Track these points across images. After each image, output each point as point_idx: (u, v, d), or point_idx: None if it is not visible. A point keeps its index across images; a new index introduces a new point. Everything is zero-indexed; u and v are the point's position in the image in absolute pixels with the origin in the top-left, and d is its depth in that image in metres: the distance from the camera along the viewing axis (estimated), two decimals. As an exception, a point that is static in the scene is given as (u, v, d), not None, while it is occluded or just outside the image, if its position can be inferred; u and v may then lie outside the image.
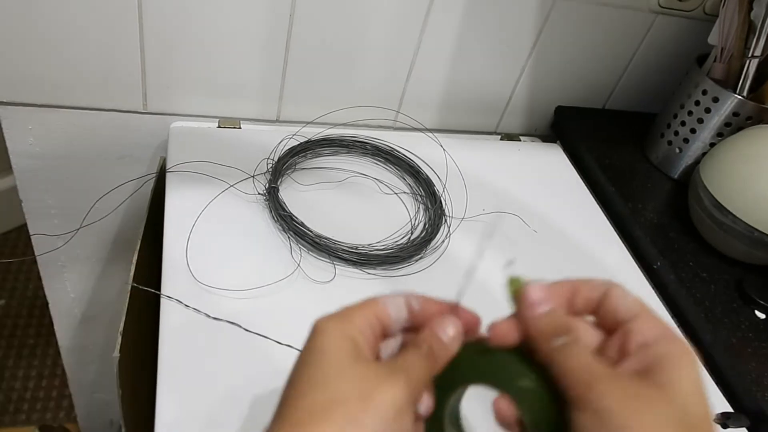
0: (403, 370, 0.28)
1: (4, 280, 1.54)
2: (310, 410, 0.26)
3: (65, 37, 0.59)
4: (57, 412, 1.32)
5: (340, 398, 0.26)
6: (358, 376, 0.27)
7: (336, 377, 0.27)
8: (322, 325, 0.29)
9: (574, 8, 0.71)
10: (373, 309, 0.31)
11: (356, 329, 0.29)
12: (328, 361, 0.27)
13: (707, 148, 0.70)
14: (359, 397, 0.26)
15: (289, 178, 0.64)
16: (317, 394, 0.26)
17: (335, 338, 0.28)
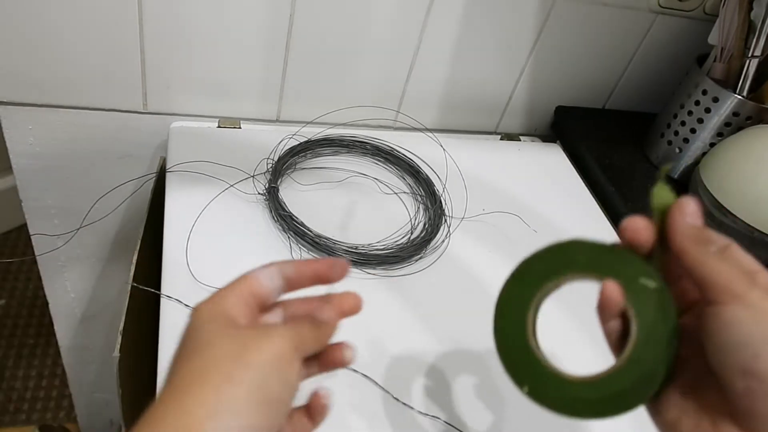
0: (281, 328, 0.29)
1: (4, 280, 1.54)
2: (188, 375, 0.27)
3: (65, 37, 0.59)
4: (57, 412, 1.32)
5: (213, 360, 0.27)
6: (231, 339, 0.28)
7: (210, 344, 0.28)
8: (197, 308, 0.30)
9: (574, 8, 0.71)
10: (244, 284, 0.32)
11: (228, 305, 0.30)
12: (202, 334, 0.29)
13: (707, 148, 0.70)
14: (233, 356, 0.27)
15: (289, 178, 0.64)
16: (193, 361, 0.28)
17: (207, 315, 0.29)
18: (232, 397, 0.26)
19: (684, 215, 0.30)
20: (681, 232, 0.29)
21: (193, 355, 0.28)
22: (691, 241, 0.29)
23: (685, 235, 0.29)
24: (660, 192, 0.30)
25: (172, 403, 0.26)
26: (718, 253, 0.28)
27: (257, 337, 0.28)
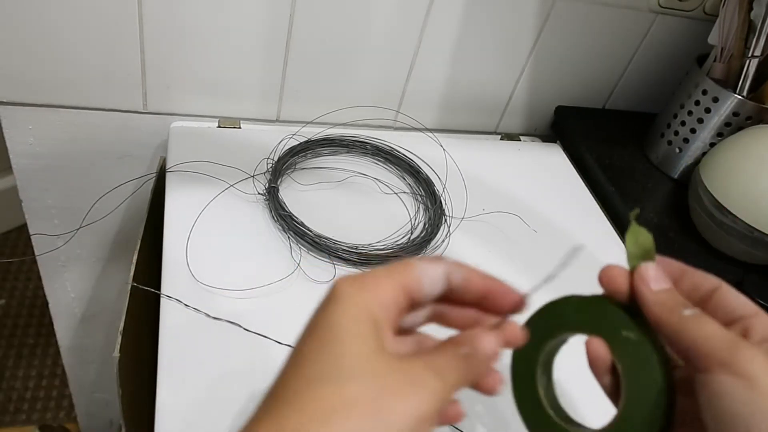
0: (435, 374, 0.25)
1: (4, 280, 1.54)
2: (312, 411, 0.22)
3: (65, 37, 0.59)
4: (57, 412, 1.32)
5: (349, 400, 0.23)
6: (375, 375, 0.23)
7: (349, 372, 0.23)
8: (342, 290, 0.25)
9: (574, 8, 0.71)
10: (403, 279, 0.26)
11: (379, 304, 0.25)
12: (342, 349, 0.24)
13: (707, 148, 0.70)
14: (373, 402, 0.23)
15: (289, 178, 0.64)
16: (323, 389, 0.23)
17: (354, 314, 0.25)
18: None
19: (647, 283, 0.29)
20: (649, 302, 0.28)
21: (328, 380, 0.23)
22: (662, 310, 0.28)
23: (654, 304, 0.28)
24: (634, 235, 0.30)
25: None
26: (693, 317, 0.27)
27: (403, 387, 0.23)
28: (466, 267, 0.28)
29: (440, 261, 0.28)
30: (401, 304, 0.26)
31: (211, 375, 0.45)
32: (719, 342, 0.26)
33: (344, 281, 0.26)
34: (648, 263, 0.29)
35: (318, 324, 0.25)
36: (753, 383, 0.25)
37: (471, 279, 0.28)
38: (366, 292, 0.25)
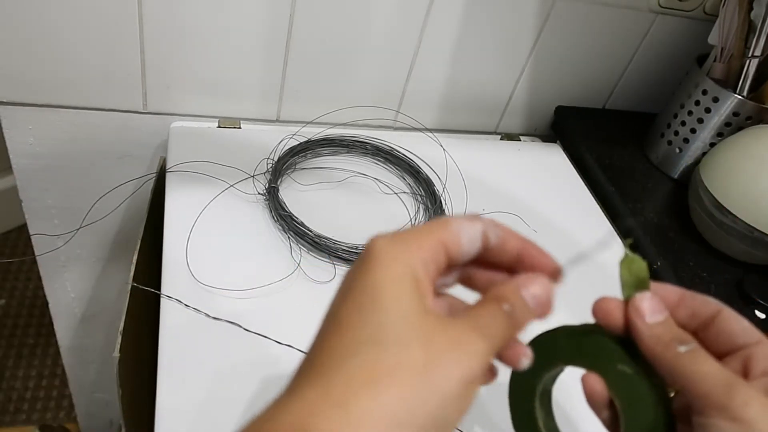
0: (480, 335, 0.24)
1: (4, 280, 1.54)
2: (359, 376, 0.22)
3: (65, 37, 0.59)
4: (57, 412, 1.32)
5: (394, 364, 0.22)
6: (420, 338, 0.22)
7: (393, 336, 0.22)
8: (380, 247, 0.24)
9: (574, 8, 0.71)
10: (441, 236, 0.25)
11: (420, 261, 0.24)
12: (385, 310, 0.23)
13: (707, 148, 0.70)
14: (420, 366, 0.22)
15: (289, 178, 0.64)
16: (369, 354, 0.22)
17: (395, 273, 0.23)
18: (406, 421, 0.21)
19: (642, 316, 0.28)
20: (644, 337, 0.27)
21: (370, 343, 0.22)
22: (657, 345, 0.27)
23: (650, 339, 0.27)
24: (627, 264, 0.29)
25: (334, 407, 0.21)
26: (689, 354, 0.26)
27: (450, 348, 0.23)
28: (503, 227, 0.28)
29: (478, 218, 0.27)
30: (441, 263, 0.25)
31: (211, 375, 0.45)
32: (715, 383, 0.25)
33: (382, 238, 0.24)
34: (643, 294, 0.28)
35: (356, 285, 0.24)
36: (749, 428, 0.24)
37: (508, 239, 0.27)
38: (406, 250, 0.24)
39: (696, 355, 0.26)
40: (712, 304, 0.29)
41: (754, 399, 0.24)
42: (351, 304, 0.24)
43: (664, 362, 0.27)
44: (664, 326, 0.28)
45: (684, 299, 0.30)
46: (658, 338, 0.27)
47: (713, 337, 0.29)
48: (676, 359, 0.26)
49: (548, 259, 0.28)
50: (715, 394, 0.25)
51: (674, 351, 0.27)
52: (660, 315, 0.28)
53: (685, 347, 0.27)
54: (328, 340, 0.23)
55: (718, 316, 0.28)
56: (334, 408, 0.21)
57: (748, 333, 0.28)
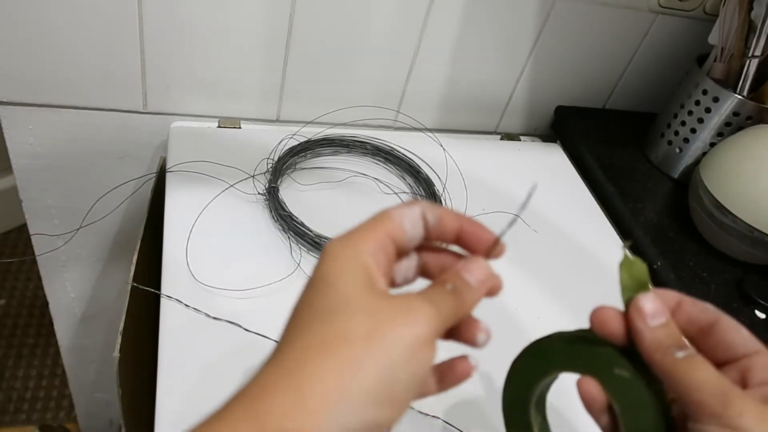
0: (427, 300, 0.25)
1: (4, 280, 1.54)
2: (307, 346, 0.23)
3: (65, 37, 0.59)
4: (57, 412, 1.32)
5: (342, 333, 0.23)
6: (368, 308, 0.24)
7: (342, 310, 0.24)
8: (330, 249, 0.26)
9: (574, 8, 0.71)
10: (385, 227, 0.27)
11: (368, 253, 0.26)
12: (335, 291, 0.25)
13: (707, 147, 0.70)
14: (366, 333, 0.23)
15: (289, 178, 0.64)
16: (317, 327, 0.24)
17: (344, 263, 0.25)
18: (356, 388, 0.22)
19: (645, 319, 0.27)
20: (645, 340, 0.27)
21: (320, 320, 0.24)
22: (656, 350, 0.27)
23: (650, 343, 0.27)
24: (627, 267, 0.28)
25: (283, 375, 0.23)
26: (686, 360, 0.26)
27: (395, 314, 0.24)
28: (440, 207, 0.29)
29: (415, 202, 0.28)
30: (388, 250, 0.27)
31: (211, 375, 0.45)
32: (711, 391, 0.25)
33: (332, 241, 0.27)
34: (646, 295, 0.28)
35: (313, 280, 0.26)
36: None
37: (444, 219, 0.28)
38: (353, 244, 0.26)
39: (693, 361, 0.26)
40: (711, 312, 0.29)
41: (749, 409, 0.24)
42: (308, 295, 0.26)
43: (662, 367, 0.27)
44: (666, 330, 0.27)
45: (682, 305, 0.29)
46: (658, 342, 0.27)
47: (712, 345, 0.29)
48: (674, 365, 0.26)
49: (486, 232, 0.28)
50: (711, 403, 0.25)
51: (672, 356, 0.26)
52: (662, 317, 0.28)
53: (683, 353, 0.26)
54: (288, 327, 0.25)
55: (717, 324, 0.28)
56: (285, 379, 0.22)
57: (747, 343, 0.28)
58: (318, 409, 0.22)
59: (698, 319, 0.29)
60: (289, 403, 0.22)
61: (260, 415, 0.22)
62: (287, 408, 0.22)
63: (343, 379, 0.22)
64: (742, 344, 0.28)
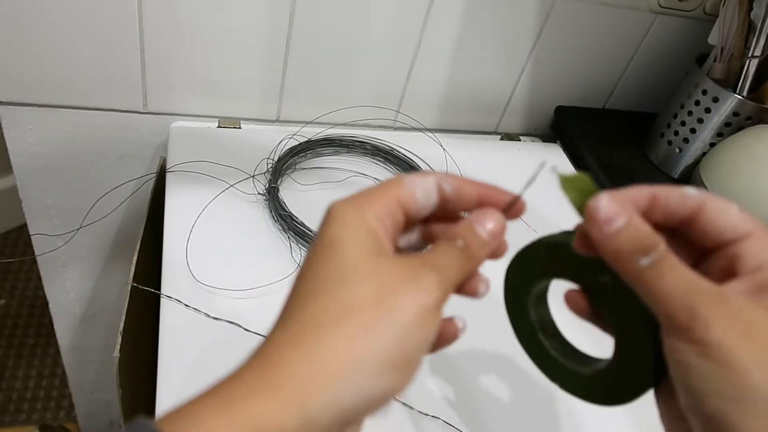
0: (433, 269, 0.24)
1: (4, 280, 1.54)
2: (317, 316, 0.23)
3: (65, 37, 0.59)
4: (57, 412, 1.32)
5: (352, 302, 0.23)
6: (376, 275, 0.23)
7: (349, 276, 0.23)
8: (336, 210, 0.25)
9: (574, 8, 0.71)
10: (395, 192, 0.26)
11: (375, 217, 0.25)
12: (341, 257, 0.24)
13: (707, 148, 0.70)
14: (376, 301, 0.23)
15: (289, 178, 0.64)
16: (326, 296, 0.23)
17: (350, 227, 0.24)
18: (369, 354, 0.22)
19: (599, 227, 0.24)
20: (601, 250, 0.25)
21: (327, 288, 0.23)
22: (618, 260, 0.24)
23: (609, 254, 0.25)
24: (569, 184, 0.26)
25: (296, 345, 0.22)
26: (651, 267, 0.23)
27: (404, 282, 0.23)
28: (457, 176, 0.28)
29: (431, 173, 0.27)
30: (396, 216, 0.26)
31: (211, 375, 0.45)
32: (677, 303, 0.22)
33: (338, 202, 0.25)
34: (597, 198, 0.25)
35: (316, 243, 0.25)
36: (711, 352, 0.21)
37: (462, 187, 0.27)
38: (360, 206, 0.25)
39: (659, 268, 0.23)
40: (692, 199, 0.25)
41: (717, 318, 0.22)
42: (311, 260, 0.25)
43: (627, 277, 0.24)
44: (626, 233, 0.24)
45: (657, 199, 0.26)
46: (618, 250, 0.24)
47: (698, 234, 0.25)
48: (639, 275, 0.24)
49: (506, 194, 0.28)
50: (678, 315, 0.22)
51: (635, 265, 0.24)
52: (619, 220, 0.24)
53: (648, 259, 0.23)
54: (292, 295, 0.25)
55: (702, 211, 0.25)
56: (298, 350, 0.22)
57: (736, 226, 0.24)
58: (335, 378, 0.21)
59: (679, 210, 0.25)
60: (306, 374, 0.21)
61: (277, 387, 0.21)
62: (304, 378, 0.21)
63: (357, 346, 0.22)
64: (731, 228, 0.24)
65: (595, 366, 0.30)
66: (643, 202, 0.26)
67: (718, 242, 0.25)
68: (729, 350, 0.21)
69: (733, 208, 0.25)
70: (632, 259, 0.24)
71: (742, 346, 0.21)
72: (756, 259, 0.24)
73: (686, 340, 0.22)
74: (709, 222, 0.25)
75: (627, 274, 0.24)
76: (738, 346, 0.21)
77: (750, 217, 0.25)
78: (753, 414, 0.21)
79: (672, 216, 0.26)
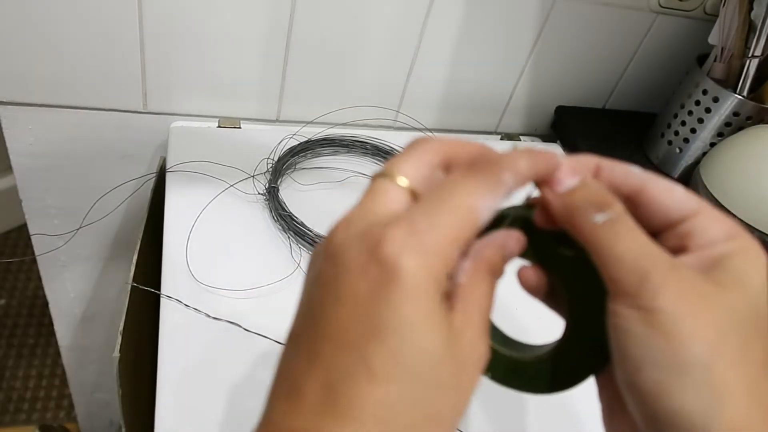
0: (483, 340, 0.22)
1: (4, 280, 1.54)
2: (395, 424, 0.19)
3: (65, 37, 0.59)
4: (57, 412, 1.32)
5: (434, 414, 0.20)
6: (453, 376, 0.20)
7: (430, 381, 0.19)
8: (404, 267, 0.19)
9: (574, 8, 0.71)
10: (468, 224, 0.21)
11: (445, 266, 0.20)
12: (415, 349, 0.19)
13: (707, 147, 0.70)
14: (455, 406, 0.20)
15: (289, 178, 0.64)
16: (405, 404, 0.19)
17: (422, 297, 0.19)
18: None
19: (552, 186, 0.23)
20: (555, 207, 0.23)
21: (408, 399, 0.19)
22: (573, 215, 0.23)
23: (562, 209, 0.23)
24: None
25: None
26: (606, 226, 0.22)
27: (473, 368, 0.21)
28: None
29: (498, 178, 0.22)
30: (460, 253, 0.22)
31: (211, 375, 0.45)
32: (629, 266, 0.21)
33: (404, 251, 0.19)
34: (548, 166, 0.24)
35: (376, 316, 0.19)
36: (656, 319, 0.20)
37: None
38: (431, 258, 0.20)
39: (615, 227, 0.22)
40: (635, 177, 0.24)
41: (667, 286, 0.20)
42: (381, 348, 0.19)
43: (581, 236, 0.23)
44: (581, 190, 0.23)
45: (601, 171, 0.25)
46: (572, 207, 0.23)
47: (643, 214, 0.24)
48: (592, 233, 0.22)
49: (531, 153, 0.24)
50: (627, 280, 0.21)
51: (589, 221, 0.22)
52: (573, 179, 0.23)
53: (603, 216, 0.22)
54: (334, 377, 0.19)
55: (645, 189, 0.24)
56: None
57: (682, 205, 0.23)
58: None
59: (622, 186, 0.24)
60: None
61: None
62: None
63: None
64: (677, 207, 0.23)
65: (535, 352, 0.28)
66: (589, 170, 0.25)
67: (666, 221, 0.24)
68: (676, 320, 0.20)
69: (678, 188, 0.24)
70: (587, 215, 0.22)
71: (689, 318, 0.20)
72: (706, 235, 0.23)
73: (632, 306, 0.21)
74: (654, 200, 0.24)
75: (581, 232, 0.22)
76: (685, 316, 0.20)
77: (696, 197, 0.24)
78: (691, 388, 0.20)
79: (617, 191, 0.24)
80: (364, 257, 0.20)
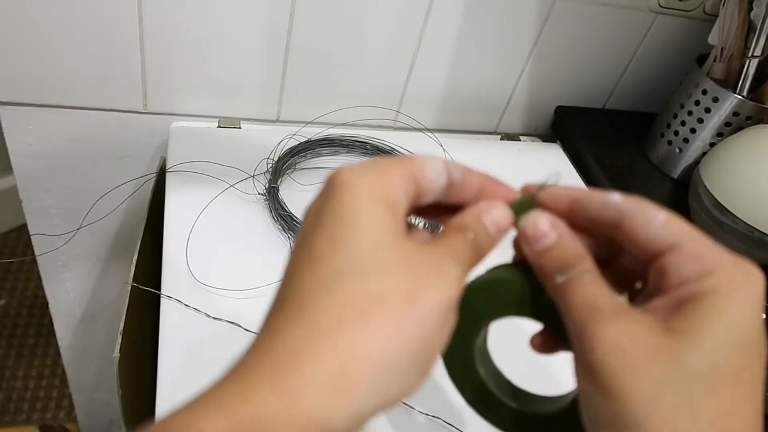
0: (454, 260, 0.22)
1: (4, 280, 1.54)
2: (335, 311, 0.20)
3: (65, 37, 0.59)
4: (57, 412, 1.32)
5: (379, 294, 0.20)
6: (404, 265, 0.21)
7: (375, 263, 0.20)
8: (345, 177, 0.22)
9: (574, 8, 0.71)
10: (410, 166, 0.23)
11: (392, 187, 0.22)
12: (362, 236, 0.21)
13: (707, 147, 0.70)
14: (406, 294, 0.20)
15: (289, 178, 0.64)
16: (353, 285, 0.20)
17: (368, 201, 0.21)
18: (399, 352, 0.20)
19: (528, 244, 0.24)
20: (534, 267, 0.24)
21: (352, 275, 0.20)
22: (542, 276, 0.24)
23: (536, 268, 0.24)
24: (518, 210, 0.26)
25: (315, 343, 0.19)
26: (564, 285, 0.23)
27: (433, 273, 0.21)
28: (463, 165, 0.26)
29: (439, 157, 0.25)
30: (411, 193, 0.23)
31: (211, 375, 0.45)
32: (576, 321, 0.21)
33: (347, 169, 0.22)
34: (528, 216, 0.25)
35: (326, 215, 0.22)
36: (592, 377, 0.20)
37: (468, 174, 0.26)
38: (377, 177, 0.22)
39: (571, 285, 0.22)
40: (612, 209, 0.24)
41: (602, 340, 0.20)
42: (322, 235, 0.22)
43: (549, 292, 0.24)
44: (551, 252, 0.23)
45: (578, 204, 0.25)
46: (543, 268, 0.24)
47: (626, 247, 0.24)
48: (554, 292, 0.23)
49: (510, 191, 0.26)
50: (574, 335, 0.22)
51: (553, 282, 0.23)
52: (548, 239, 0.24)
53: (563, 277, 0.23)
54: (300, 275, 0.21)
55: (622, 222, 0.23)
56: (316, 347, 0.19)
57: (660, 238, 0.22)
58: (360, 382, 0.19)
59: (600, 219, 0.24)
60: (328, 383, 0.19)
61: (291, 392, 0.19)
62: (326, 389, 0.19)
63: (386, 345, 0.19)
64: (654, 241, 0.22)
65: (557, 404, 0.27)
66: (565, 206, 0.25)
67: (645, 256, 0.23)
68: (609, 375, 0.20)
69: (658, 217, 0.23)
70: (552, 277, 0.23)
71: (622, 372, 0.20)
72: (679, 274, 0.21)
73: (577, 360, 0.21)
74: (631, 234, 0.23)
75: (548, 290, 0.24)
76: (619, 371, 0.20)
77: (676, 226, 0.22)
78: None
79: (597, 222, 0.24)
80: (322, 188, 0.24)
